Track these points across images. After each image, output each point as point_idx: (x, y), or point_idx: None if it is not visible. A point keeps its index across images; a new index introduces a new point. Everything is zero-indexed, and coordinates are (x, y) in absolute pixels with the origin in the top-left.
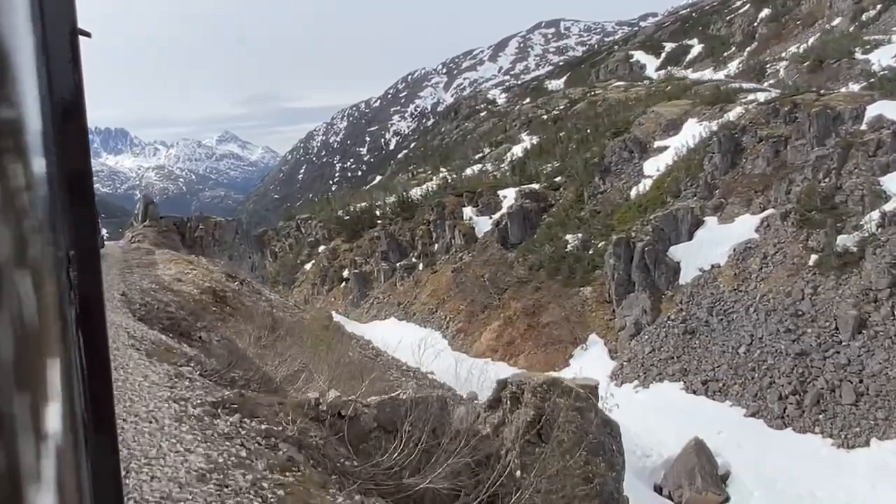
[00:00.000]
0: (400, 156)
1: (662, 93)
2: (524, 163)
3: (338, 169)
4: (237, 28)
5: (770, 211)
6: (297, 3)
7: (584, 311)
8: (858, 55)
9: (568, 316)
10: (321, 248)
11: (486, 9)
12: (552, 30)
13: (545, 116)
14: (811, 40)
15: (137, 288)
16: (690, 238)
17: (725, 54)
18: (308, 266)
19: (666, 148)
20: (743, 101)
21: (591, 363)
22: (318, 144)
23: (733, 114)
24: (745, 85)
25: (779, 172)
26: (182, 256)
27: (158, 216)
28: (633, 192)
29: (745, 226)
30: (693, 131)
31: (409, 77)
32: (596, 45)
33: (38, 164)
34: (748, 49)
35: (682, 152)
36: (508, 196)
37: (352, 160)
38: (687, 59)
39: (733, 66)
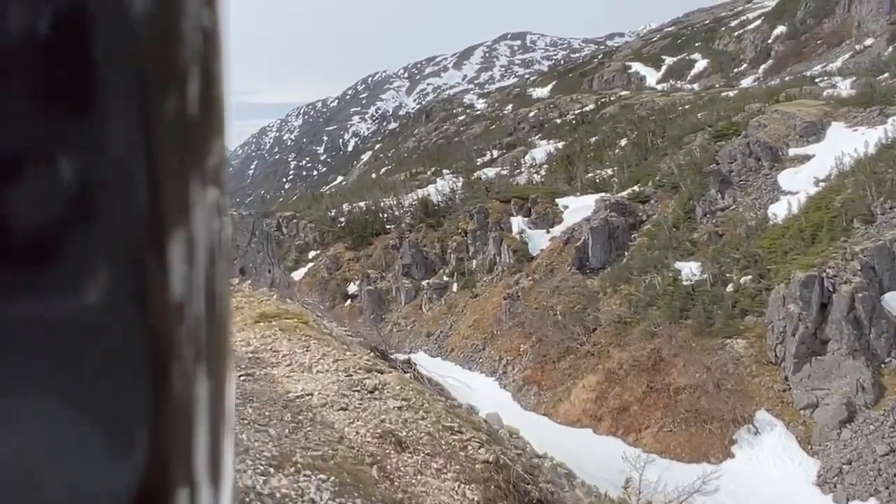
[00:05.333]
0: (365, 157)
1: (722, 98)
2: (567, 168)
3: (292, 167)
4: None
5: None
6: None
7: (738, 374)
8: None
9: (719, 381)
10: (312, 253)
11: (449, 16)
12: (518, 42)
13: (559, 120)
14: (840, 60)
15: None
16: None
17: (736, 70)
18: (298, 275)
19: (809, 157)
20: None
21: (771, 456)
22: (272, 141)
23: None
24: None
25: None
26: (258, 294)
27: None
28: (773, 212)
29: None
30: (845, 137)
31: (370, 79)
32: (562, 60)
33: None
34: (763, 67)
35: (846, 163)
36: (571, 206)
37: (308, 159)
38: (691, 74)
39: (747, 83)
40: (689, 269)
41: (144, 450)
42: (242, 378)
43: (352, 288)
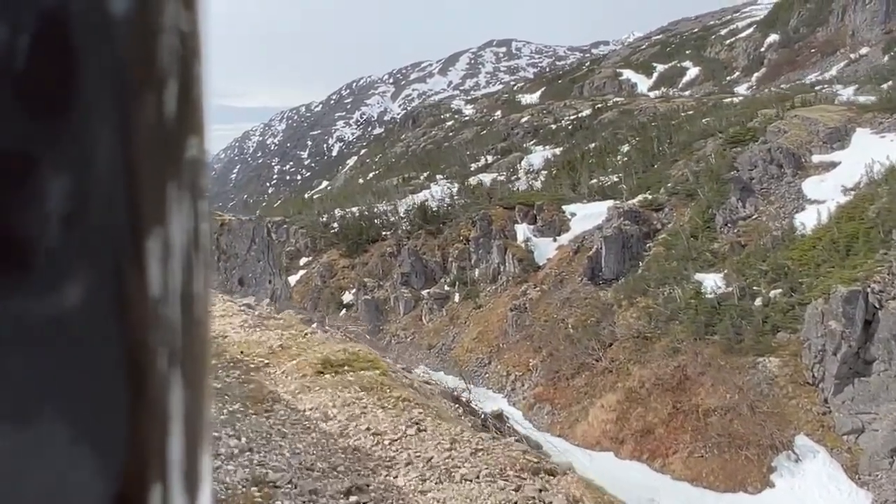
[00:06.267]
0: (350, 161)
1: (726, 104)
2: (570, 174)
3: (276, 171)
4: None
5: None
6: None
7: (773, 395)
8: None
9: (753, 403)
10: (304, 260)
11: (434, 23)
12: (504, 49)
13: (554, 126)
14: (835, 68)
15: None
16: None
17: (729, 78)
18: (289, 282)
19: (835, 164)
20: None
21: (815, 485)
22: (255, 145)
23: None
24: None
25: None
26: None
27: None
28: (800, 221)
29: None
30: (872, 144)
31: (355, 84)
32: (548, 67)
33: None
34: (756, 75)
35: (876, 171)
36: (578, 214)
37: (291, 163)
38: (683, 81)
39: (741, 91)
40: (713, 282)
41: (120, 453)
42: (354, 499)
43: (347, 297)
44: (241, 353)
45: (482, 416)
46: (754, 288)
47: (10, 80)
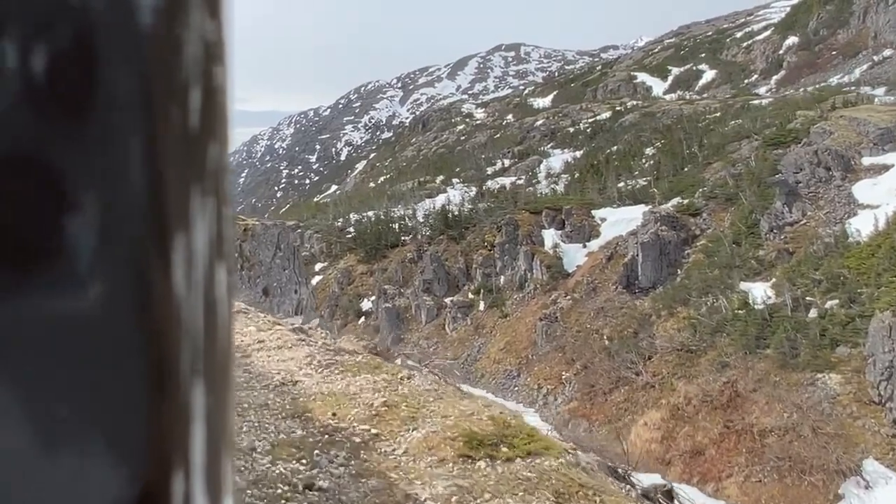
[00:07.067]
0: (359, 166)
1: (755, 106)
2: (595, 177)
3: (284, 175)
4: None
5: None
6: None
7: (836, 414)
8: None
9: (814, 424)
10: (319, 265)
11: (442, 28)
12: (512, 53)
13: (571, 129)
14: (858, 70)
15: None
16: None
17: (746, 81)
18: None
19: (888, 167)
20: None
21: None
22: (263, 149)
23: None
24: None
25: None
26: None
27: None
28: (855, 227)
29: None
30: None
31: (363, 88)
32: (557, 71)
33: None
34: (775, 77)
35: None
36: (609, 219)
37: (300, 167)
38: (699, 84)
39: (761, 93)
40: (762, 292)
41: (142, 453)
42: None
43: (366, 304)
44: (333, 415)
45: (635, 484)
46: (807, 298)
47: (38, 90)
